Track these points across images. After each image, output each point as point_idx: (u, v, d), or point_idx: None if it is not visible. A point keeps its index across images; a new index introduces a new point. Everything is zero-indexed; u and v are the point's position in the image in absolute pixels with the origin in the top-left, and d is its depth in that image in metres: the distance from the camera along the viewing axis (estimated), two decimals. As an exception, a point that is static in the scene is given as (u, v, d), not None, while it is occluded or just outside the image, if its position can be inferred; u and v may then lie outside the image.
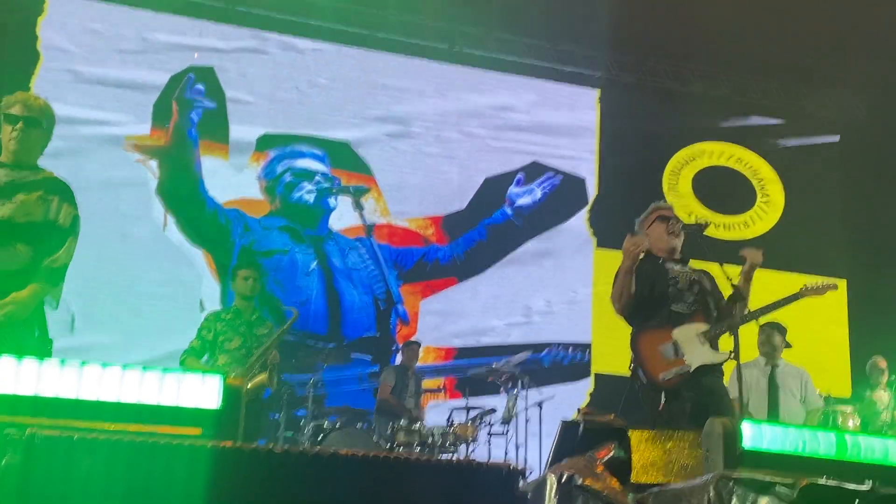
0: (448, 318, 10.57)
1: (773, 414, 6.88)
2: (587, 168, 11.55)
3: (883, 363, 9.00)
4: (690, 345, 5.03)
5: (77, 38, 9.94)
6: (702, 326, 5.08)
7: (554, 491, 2.77)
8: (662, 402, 4.96)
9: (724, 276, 5.14)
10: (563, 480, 2.79)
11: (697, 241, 5.40)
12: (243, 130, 10.27)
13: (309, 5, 10.57)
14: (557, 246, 11.19)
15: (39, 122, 4.38)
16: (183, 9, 10.23)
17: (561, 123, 11.59)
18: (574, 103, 11.78)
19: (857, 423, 7.45)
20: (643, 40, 11.25)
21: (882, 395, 8.90)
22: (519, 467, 2.55)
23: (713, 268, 5.30)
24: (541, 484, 2.80)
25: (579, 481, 2.78)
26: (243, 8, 10.39)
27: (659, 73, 11.91)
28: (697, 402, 4.93)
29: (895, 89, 11.14)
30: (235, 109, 10.29)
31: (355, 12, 10.71)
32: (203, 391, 3.20)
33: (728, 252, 5.31)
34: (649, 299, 5.20)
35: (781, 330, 7.24)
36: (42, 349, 4.24)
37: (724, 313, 5.22)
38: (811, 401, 7.17)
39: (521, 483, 2.61)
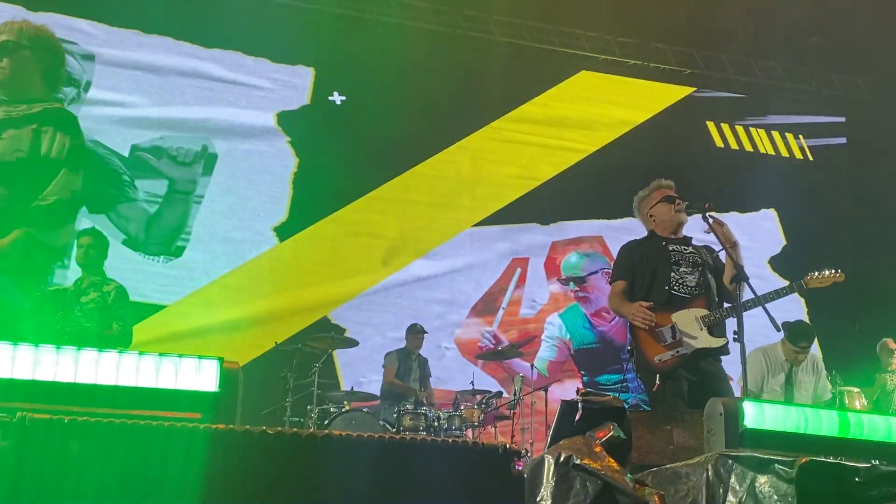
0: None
1: None
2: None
3: (893, 345, 8.97)
4: (689, 329, 5.02)
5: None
6: (702, 311, 5.07)
7: (552, 471, 2.75)
8: (657, 383, 4.95)
9: (729, 258, 5.10)
10: (560, 461, 2.77)
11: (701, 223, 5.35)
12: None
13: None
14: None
15: (23, 47, 3.84)
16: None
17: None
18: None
19: (864, 404, 7.40)
20: (646, 24, 11.20)
21: (893, 377, 8.87)
22: (514, 447, 2.54)
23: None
24: (538, 464, 2.78)
25: (577, 461, 2.76)
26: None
27: (661, 56, 11.84)
28: (695, 385, 4.93)
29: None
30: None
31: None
32: (200, 375, 3.20)
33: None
34: (651, 283, 5.18)
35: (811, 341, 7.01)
36: (38, 302, 3.86)
37: (726, 295, 5.20)
38: (820, 393, 7.00)
39: (517, 463, 2.59)
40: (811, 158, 12.32)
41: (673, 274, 5.16)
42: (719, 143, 12.10)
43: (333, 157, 10.46)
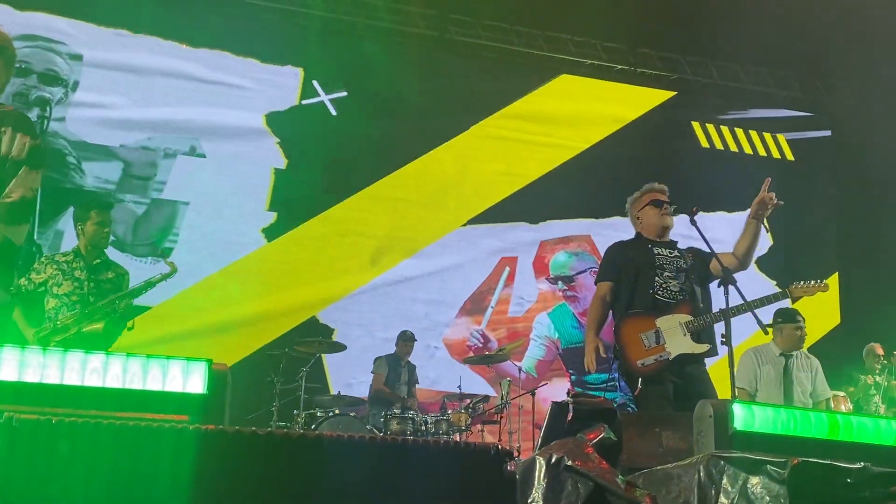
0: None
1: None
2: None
3: (880, 349, 9.05)
4: (672, 334, 5.05)
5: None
6: (686, 317, 5.09)
7: (543, 472, 2.74)
8: (639, 386, 4.98)
9: (717, 261, 5.10)
10: (552, 462, 2.76)
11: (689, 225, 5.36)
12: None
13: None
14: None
15: None
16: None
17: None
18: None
19: (850, 408, 7.44)
20: (634, 30, 11.26)
21: (876, 380, 8.95)
22: (506, 448, 2.53)
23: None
24: (530, 465, 2.77)
25: (569, 463, 2.75)
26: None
27: (648, 62, 11.89)
28: (681, 387, 4.95)
29: (888, 80, 11.17)
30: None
31: (345, 0, 10.66)
32: (189, 377, 3.17)
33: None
34: (635, 286, 5.20)
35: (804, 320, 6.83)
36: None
37: (709, 299, 5.23)
38: (819, 392, 6.77)
39: (509, 464, 2.58)
40: (792, 158, 12.39)
41: (657, 279, 5.19)
42: (704, 144, 12.17)
43: (322, 157, 10.49)
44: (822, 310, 11.54)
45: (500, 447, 2.50)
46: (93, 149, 9.67)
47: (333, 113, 10.67)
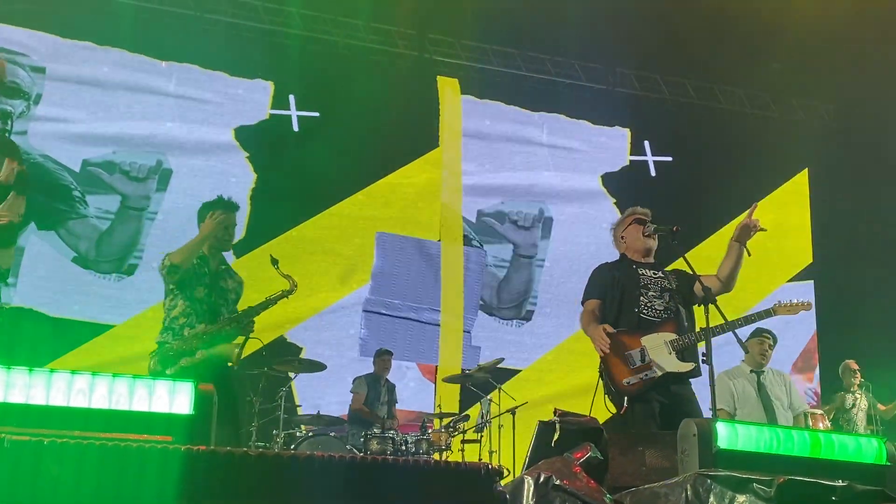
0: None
1: (771, 422, 6.76)
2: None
3: (854, 365, 9.13)
4: (658, 352, 5.06)
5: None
6: (670, 335, 5.10)
7: (531, 492, 2.75)
8: (625, 405, 4.98)
9: (699, 282, 5.14)
10: (540, 481, 2.77)
11: (671, 245, 5.40)
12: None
13: (276, 12, 10.55)
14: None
15: None
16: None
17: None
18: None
19: (828, 426, 7.49)
20: (612, 50, 11.38)
21: (855, 397, 9.02)
22: (496, 468, 2.54)
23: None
24: (518, 485, 2.78)
25: (557, 482, 2.76)
26: (212, 16, 10.30)
27: (626, 81, 12.01)
28: (666, 407, 4.96)
29: (862, 94, 11.33)
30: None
31: (324, 20, 10.71)
32: (174, 398, 3.16)
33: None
34: (620, 306, 5.22)
35: (773, 337, 7.00)
36: None
37: (693, 320, 5.27)
38: (796, 405, 6.93)
39: (498, 483, 2.59)
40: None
41: (641, 297, 5.21)
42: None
43: (292, 172, 10.34)
44: (798, 332, 11.68)
45: (489, 466, 2.50)
46: (57, 163, 9.55)
47: (295, 129, 10.57)
